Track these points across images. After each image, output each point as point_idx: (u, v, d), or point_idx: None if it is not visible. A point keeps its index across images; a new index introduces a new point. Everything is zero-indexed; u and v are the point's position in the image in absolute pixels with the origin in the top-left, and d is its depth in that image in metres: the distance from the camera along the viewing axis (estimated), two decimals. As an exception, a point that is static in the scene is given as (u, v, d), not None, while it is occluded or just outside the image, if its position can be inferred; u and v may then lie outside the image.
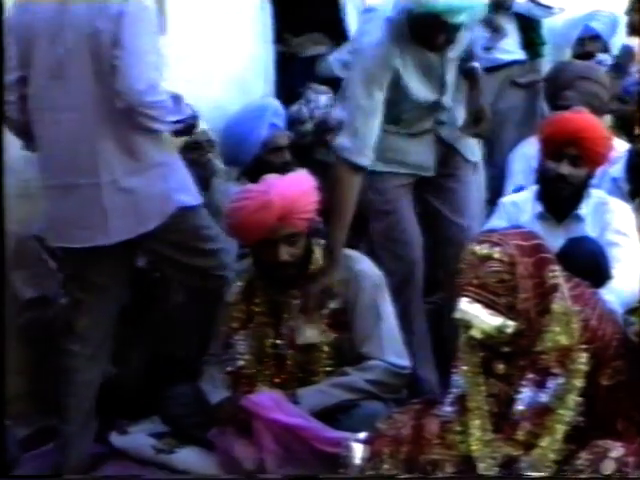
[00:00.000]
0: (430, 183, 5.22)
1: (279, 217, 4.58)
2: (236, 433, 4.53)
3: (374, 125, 4.83)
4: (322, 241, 4.83)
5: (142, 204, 4.61)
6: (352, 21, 6.60)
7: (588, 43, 7.00)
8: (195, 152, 5.52)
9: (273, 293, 4.81)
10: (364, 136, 4.83)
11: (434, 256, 5.23)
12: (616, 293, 4.76)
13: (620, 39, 7.28)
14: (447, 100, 5.13)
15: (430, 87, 5.04)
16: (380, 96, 4.81)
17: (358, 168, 4.83)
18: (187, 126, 4.87)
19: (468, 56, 5.22)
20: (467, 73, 5.22)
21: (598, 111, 5.95)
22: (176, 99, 4.77)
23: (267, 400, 4.51)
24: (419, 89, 4.99)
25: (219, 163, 5.82)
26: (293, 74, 6.61)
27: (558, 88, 6.11)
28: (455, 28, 4.86)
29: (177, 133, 4.84)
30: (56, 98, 4.66)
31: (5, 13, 4.15)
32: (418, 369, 4.90)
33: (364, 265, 4.81)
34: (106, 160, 4.58)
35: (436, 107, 5.12)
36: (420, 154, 5.18)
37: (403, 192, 5.20)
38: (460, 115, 5.24)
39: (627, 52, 7.03)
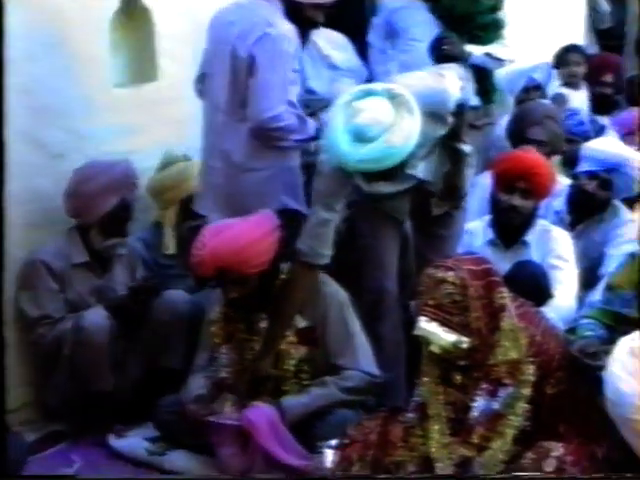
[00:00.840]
0: (418, 228, 5.17)
1: (215, 270, 4.58)
2: (232, 446, 4.52)
3: (332, 229, 4.71)
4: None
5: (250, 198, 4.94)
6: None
7: (532, 92, 7.11)
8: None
9: (247, 310, 4.79)
10: (323, 239, 4.70)
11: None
12: (557, 310, 4.90)
13: (554, 87, 7.58)
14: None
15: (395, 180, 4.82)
16: (340, 206, 4.69)
17: (316, 267, 4.76)
18: (308, 140, 5.05)
19: (454, 135, 4.95)
20: (453, 153, 4.99)
21: (557, 148, 6.10)
22: (301, 119, 4.98)
23: (261, 418, 4.52)
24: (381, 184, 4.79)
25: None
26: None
27: (526, 125, 6.13)
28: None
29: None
30: (208, 98, 5.15)
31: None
32: (388, 379, 4.87)
33: (330, 287, 4.83)
34: (234, 153, 4.99)
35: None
36: (397, 204, 5.04)
37: (389, 226, 5.08)
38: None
39: (560, 99, 7.29)
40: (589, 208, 5.64)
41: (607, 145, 5.81)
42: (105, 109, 5.41)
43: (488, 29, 6.06)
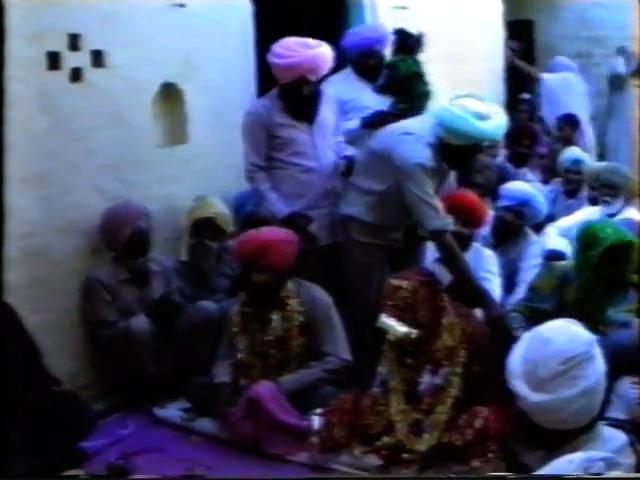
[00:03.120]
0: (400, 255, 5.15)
1: (249, 252, 4.75)
2: (241, 413, 4.64)
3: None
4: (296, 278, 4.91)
5: None
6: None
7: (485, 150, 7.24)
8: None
9: (260, 309, 4.88)
10: (439, 212, 4.83)
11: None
12: None
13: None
14: None
15: None
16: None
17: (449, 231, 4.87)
18: None
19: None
20: None
21: (491, 189, 6.35)
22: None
23: (266, 392, 4.62)
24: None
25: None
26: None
27: (472, 172, 6.27)
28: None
29: None
30: None
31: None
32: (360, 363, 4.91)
33: (318, 292, 4.93)
34: None
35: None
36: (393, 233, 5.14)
37: (379, 254, 5.13)
38: None
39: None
40: (507, 233, 5.82)
41: (518, 186, 6.06)
42: (149, 164, 5.50)
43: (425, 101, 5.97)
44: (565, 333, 3.43)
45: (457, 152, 4.89)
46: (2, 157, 4.03)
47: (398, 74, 5.80)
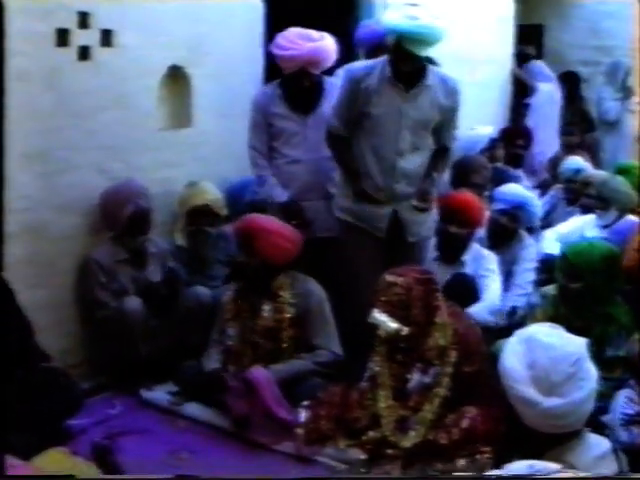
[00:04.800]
0: (389, 254, 5.08)
1: (249, 229, 4.82)
2: (237, 393, 4.66)
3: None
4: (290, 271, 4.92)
5: None
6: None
7: (484, 152, 7.40)
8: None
9: (252, 297, 4.90)
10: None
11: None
12: (486, 303, 5.21)
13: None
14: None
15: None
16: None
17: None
18: None
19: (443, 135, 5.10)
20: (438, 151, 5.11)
21: (484, 189, 6.44)
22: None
23: (263, 378, 4.66)
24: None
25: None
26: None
27: (468, 172, 6.43)
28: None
29: None
30: None
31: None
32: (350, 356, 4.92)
33: (312, 285, 4.96)
34: None
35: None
36: (375, 217, 5.06)
37: (366, 243, 5.07)
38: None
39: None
40: (502, 236, 5.82)
41: (514, 189, 6.04)
42: (152, 147, 5.49)
43: None
44: (561, 336, 3.51)
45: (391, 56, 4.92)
46: (2, 132, 4.04)
47: None
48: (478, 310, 5.13)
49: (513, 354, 3.46)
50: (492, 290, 5.36)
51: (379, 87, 4.92)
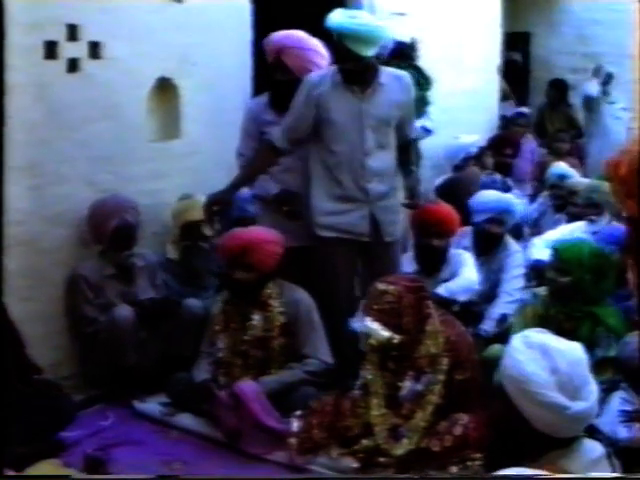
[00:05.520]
0: (366, 255, 5.11)
1: (237, 249, 4.77)
2: (226, 407, 4.65)
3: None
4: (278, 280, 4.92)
5: None
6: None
7: (469, 160, 7.51)
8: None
9: (241, 308, 4.89)
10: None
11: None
12: (460, 282, 5.33)
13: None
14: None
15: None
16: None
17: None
18: None
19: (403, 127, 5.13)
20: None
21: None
22: None
23: (250, 391, 4.66)
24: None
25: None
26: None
27: (460, 187, 6.48)
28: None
29: None
30: None
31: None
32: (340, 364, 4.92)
33: (301, 294, 4.96)
34: None
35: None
36: (356, 223, 5.04)
37: (344, 251, 5.06)
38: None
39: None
40: (490, 244, 5.81)
41: (492, 196, 6.04)
42: (142, 159, 5.51)
43: (420, 105, 6.15)
44: (561, 341, 3.48)
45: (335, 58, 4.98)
46: (2, 146, 4.08)
47: None
48: (452, 286, 5.25)
49: (531, 360, 3.40)
50: (467, 270, 5.43)
51: (333, 92, 4.98)
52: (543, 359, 3.35)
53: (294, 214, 5.23)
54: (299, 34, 5.32)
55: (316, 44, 5.28)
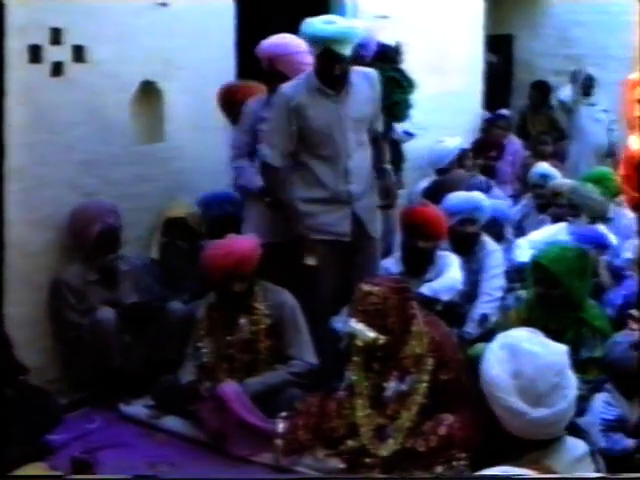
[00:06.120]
0: (348, 253, 5.13)
1: (230, 267, 4.75)
2: (209, 409, 4.68)
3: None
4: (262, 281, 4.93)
5: None
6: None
7: (454, 165, 7.50)
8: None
9: (228, 312, 4.90)
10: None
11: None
12: (444, 281, 5.31)
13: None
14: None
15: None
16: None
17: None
18: None
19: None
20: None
21: None
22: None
23: (232, 392, 4.66)
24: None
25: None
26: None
27: (447, 189, 6.37)
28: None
29: None
30: None
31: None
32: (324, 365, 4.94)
33: (285, 296, 4.97)
34: None
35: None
36: (338, 224, 5.08)
37: (326, 252, 5.05)
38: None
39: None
40: (468, 244, 5.81)
41: (461, 197, 6.04)
42: (126, 162, 5.50)
43: (402, 108, 6.25)
44: (544, 344, 3.50)
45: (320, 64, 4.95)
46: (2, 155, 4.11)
47: None
48: (435, 285, 5.27)
49: (497, 362, 3.48)
50: (451, 271, 5.43)
51: (310, 100, 5.00)
52: (509, 362, 3.40)
53: (276, 205, 5.22)
54: (286, 39, 5.35)
55: (303, 45, 5.26)
